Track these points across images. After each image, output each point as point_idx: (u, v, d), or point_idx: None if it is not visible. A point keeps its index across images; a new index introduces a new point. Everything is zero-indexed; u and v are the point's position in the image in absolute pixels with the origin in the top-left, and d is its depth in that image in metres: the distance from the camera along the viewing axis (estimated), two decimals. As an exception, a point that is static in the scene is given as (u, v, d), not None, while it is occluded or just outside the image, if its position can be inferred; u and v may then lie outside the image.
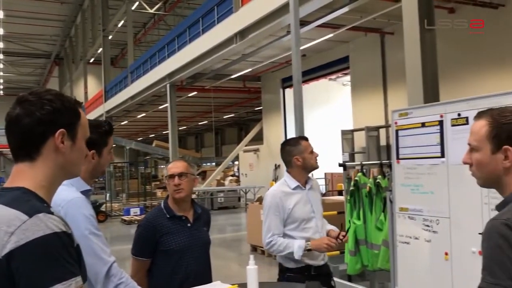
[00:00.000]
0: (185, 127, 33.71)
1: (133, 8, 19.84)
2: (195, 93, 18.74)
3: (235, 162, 25.21)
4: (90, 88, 27.61)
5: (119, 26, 21.97)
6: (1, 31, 22.97)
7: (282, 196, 3.04)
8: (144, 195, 19.92)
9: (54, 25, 26.03)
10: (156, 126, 31.91)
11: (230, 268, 8.24)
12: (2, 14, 20.72)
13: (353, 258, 5.03)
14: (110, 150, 2.21)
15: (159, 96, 18.32)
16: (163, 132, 29.60)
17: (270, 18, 8.67)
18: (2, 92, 36.00)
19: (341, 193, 7.95)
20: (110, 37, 22.49)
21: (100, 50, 23.46)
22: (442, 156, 3.34)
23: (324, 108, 17.73)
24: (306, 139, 3.15)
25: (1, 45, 25.48)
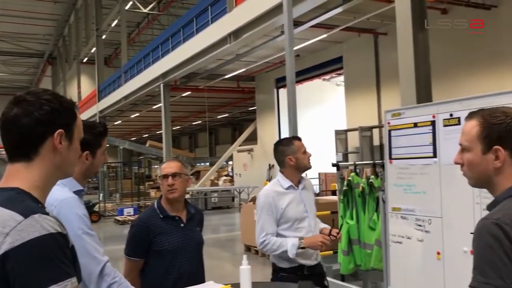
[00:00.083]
0: (179, 127, 33.65)
1: (126, 7, 19.76)
2: (189, 93, 18.71)
3: (229, 162, 25.19)
4: (83, 87, 27.47)
5: (113, 25, 21.87)
6: (-7, 30, 22.88)
7: (275, 196, 3.05)
8: (137, 195, 19.84)
9: (47, 24, 25.85)
10: (150, 126, 31.84)
11: (224, 268, 8.24)
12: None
13: (346, 257, 5.05)
14: (104, 151, 2.21)
15: (153, 96, 18.28)
16: (157, 132, 29.53)
17: (264, 18, 8.67)
18: (-6, 91, 35.81)
19: (335, 193, 7.96)
20: (104, 36, 22.39)
21: (93, 49, 23.36)
22: (434, 156, 3.36)
23: (318, 108, 17.77)
24: (299, 139, 3.16)
25: (-7, 44, 25.38)
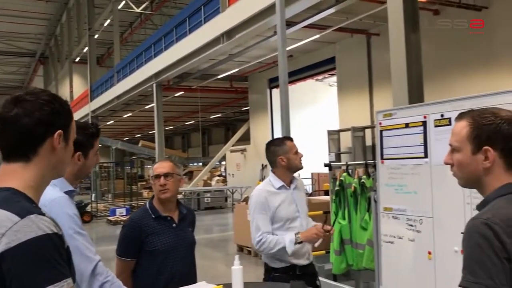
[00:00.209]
0: (171, 127, 33.58)
1: (119, 7, 19.69)
2: (182, 93, 18.68)
3: (222, 162, 25.17)
4: (75, 87, 27.33)
5: (105, 25, 21.78)
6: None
7: (267, 195, 3.05)
8: (130, 196, 19.74)
9: (39, 23, 25.69)
10: (142, 126, 31.72)
11: (217, 268, 8.23)
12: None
13: (338, 257, 5.07)
14: (96, 152, 2.20)
15: (146, 95, 18.22)
16: (150, 132, 29.41)
17: (257, 18, 8.68)
18: (-15, 91, 35.52)
19: (327, 193, 7.98)
20: (96, 36, 22.30)
21: (86, 49, 23.25)
22: (426, 156, 3.38)
23: (311, 108, 17.80)
24: (291, 140, 3.17)
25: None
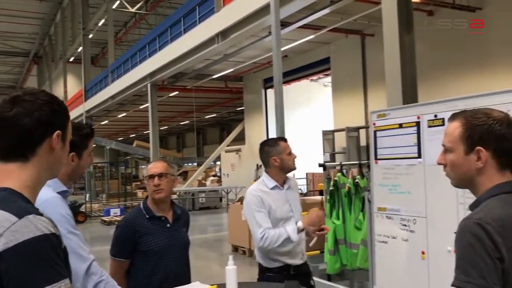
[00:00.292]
0: (166, 127, 33.53)
1: (114, 6, 19.61)
2: (177, 93, 18.67)
3: (217, 162, 25.15)
4: (69, 87, 27.23)
5: (100, 24, 21.69)
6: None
7: (261, 194, 3.04)
8: (124, 196, 19.69)
9: (33, 23, 25.56)
10: (137, 126, 31.66)
11: (211, 268, 8.22)
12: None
13: (332, 257, 5.08)
14: (90, 152, 2.20)
15: (140, 95, 18.19)
16: (144, 132, 29.37)
17: (251, 18, 8.68)
18: (-21, 90, 35.31)
19: (322, 193, 8.00)
20: (91, 35, 22.21)
21: (80, 49, 23.16)
22: (419, 156, 3.39)
23: (305, 108, 17.84)
24: (285, 140, 3.16)
25: (-22, 43, 25.04)
